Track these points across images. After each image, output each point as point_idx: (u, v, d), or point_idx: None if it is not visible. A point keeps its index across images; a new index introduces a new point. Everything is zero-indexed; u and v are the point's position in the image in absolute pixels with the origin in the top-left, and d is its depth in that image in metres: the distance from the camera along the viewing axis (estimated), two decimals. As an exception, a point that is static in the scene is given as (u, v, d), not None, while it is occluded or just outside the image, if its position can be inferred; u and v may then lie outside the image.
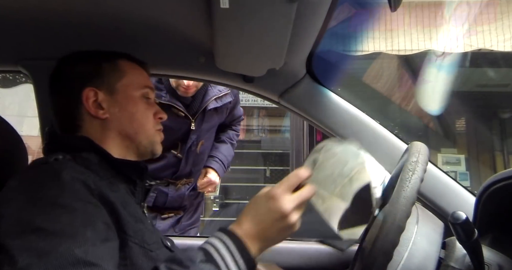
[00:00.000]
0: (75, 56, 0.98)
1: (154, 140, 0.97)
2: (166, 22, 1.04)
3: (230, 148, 2.19)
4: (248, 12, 0.83)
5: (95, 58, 0.96)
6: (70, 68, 0.96)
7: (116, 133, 0.93)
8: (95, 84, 0.93)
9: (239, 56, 1.08)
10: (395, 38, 3.72)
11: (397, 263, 0.69)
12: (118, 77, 0.95)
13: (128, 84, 0.96)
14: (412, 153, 0.74)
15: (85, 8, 0.99)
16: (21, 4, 0.97)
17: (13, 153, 0.93)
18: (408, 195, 0.65)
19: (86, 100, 0.91)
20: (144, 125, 0.95)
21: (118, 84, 0.94)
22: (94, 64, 0.95)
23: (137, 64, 1.01)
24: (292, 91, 1.26)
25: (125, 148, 0.94)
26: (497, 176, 0.89)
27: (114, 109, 0.93)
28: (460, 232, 0.68)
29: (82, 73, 0.94)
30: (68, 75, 0.95)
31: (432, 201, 1.17)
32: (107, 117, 0.92)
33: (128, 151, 0.95)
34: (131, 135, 0.94)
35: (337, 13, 1.01)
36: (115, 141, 0.93)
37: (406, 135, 1.30)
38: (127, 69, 0.97)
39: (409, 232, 0.72)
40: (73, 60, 0.97)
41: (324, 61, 1.31)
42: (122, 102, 0.94)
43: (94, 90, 0.92)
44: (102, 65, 0.95)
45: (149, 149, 0.96)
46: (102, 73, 0.94)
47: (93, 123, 0.92)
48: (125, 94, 0.95)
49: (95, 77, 0.93)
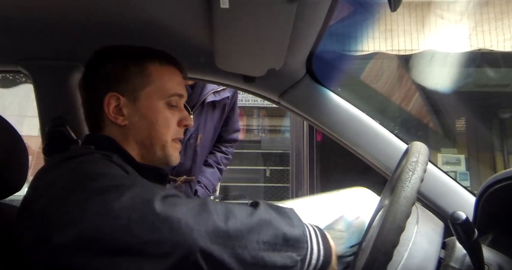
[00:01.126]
0: (105, 52, 0.95)
1: (168, 153, 0.95)
2: (166, 22, 1.03)
3: (216, 173, 2.16)
4: (248, 12, 0.83)
5: (123, 59, 0.93)
6: (97, 67, 0.94)
7: (133, 140, 0.92)
8: (119, 89, 0.91)
9: (239, 56, 1.08)
10: (395, 38, 3.72)
11: (397, 263, 0.69)
12: (144, 83, 0.92)
13: (153, 92, 0.92)
14: (412, 153, 0.74)
15: (84, 8, 0.99)
16: (21, 4, 0.97)
17: (13, 153, 0.93)
18: (408, 195, 0.65)
19: (107, 105, 0.90)
20: (161, 136, 0.93)
21: (142, 91, 0.92)
22: (122, 66, 0.92)
23: (171, 65, 0.96)
24: (292, 91, 1.26)
25: (141, 155, 0.94)
26: (497, 176, 0.89)
27: (134, 117, 0.91)
28: (460, 232, 0.68)
29: (108, 75, 0.92)
30: (94, 75, 0.94)
31: (432, 201, 1.17)
32: (126, 124, 0.91)
33: (143, 159, 0.94)
34: (147, 145, 0.93)
35: (337, 13, 1.01)
36: (133, 147, 0.93)
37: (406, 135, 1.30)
38: (156, 75, 0.93)
39: (409, 232, 0.72)
40: (102, 58, 0.95)
41: (324, 61, 1.31)
42: (143, 110, 0.92)
43: (116, 96, 0.91)
44: (129, 67, 0.92)
45: (163, 160, 0.95)
46: (128, 78, 0.92)
47: (113, 128, 0.92)
48: (148, 103, 0.92)
49: (121, 81, 0.91)
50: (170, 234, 0.64)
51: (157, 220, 0.65)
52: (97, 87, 0.93)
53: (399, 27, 3.73)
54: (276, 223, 0.71)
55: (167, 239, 0.64)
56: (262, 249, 0.68)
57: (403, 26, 3.73)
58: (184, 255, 0.64)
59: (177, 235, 0.64)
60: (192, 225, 0.65)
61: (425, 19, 3.73)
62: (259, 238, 0.68)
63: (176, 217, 0.66)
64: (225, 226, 0.67)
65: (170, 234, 0.64)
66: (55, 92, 1.25)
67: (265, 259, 0.68)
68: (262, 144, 5.04)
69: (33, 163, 3.03)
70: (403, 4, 0.74)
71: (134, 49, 0.96)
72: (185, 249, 0.64)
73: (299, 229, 0.73)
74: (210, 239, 0.65)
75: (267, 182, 4.78)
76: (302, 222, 0.75)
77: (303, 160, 3.88)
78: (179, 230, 0.64)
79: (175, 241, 0.64)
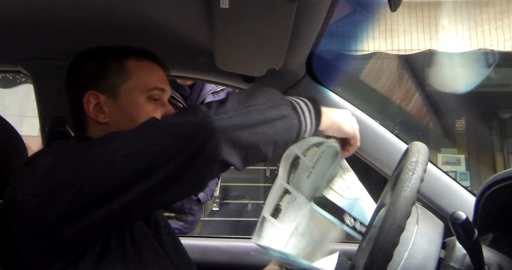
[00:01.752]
0: (86, 53, 0.97)
1: None
2: (166, 22, 1.03)
3: (214, 180, 2.15)
4: (248, 12, 0.83)
5: (102, 57, 0.94)
6: (77, 68, 0.95)
7: None
8: (98, 87, 0.91)
9: (239, 56, 1.08)
10: (395, 38, 3.72)
11: (397, 263, 0.69)
12: (123, 79, 0.92)
13: (133, 87, 0.92)
14: (412, 153, 0.74)
15: (84, 8, 0.99)
16: (21, 4, 0.97)
17: (13, 153, 0.93)
18: (408, 195, 0.65)
19: (87, 104, 0.91)
20: None
21: (122, 87, 0.92)
22: (100, 65, 0.93)
23: (150, 61, 0.96)
24: (292, 91, 1.26)
25: None
26: (497, 176, 0.89)
27: (115, 114, 0.91)
28: (460, 232, 0.68)
29: (87, 74, 0.93)
30: (74, 75, 0.95)
31: (432, 201, 1.17)
32: (107, 121, 0.91)
33: None
34: None
35: (337, 13, 1.01)
36: None
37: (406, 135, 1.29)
38: (134, 70, 0.93)
39: (409, 232, 0.72)
40: (82, 59, 0.96)
41: (324, 61, 1.31)
42: (124, 106, 0.91)
43: (95, 94, 0.91)
44: (108, 65, 0.93)
45: None
46: (107, 75, 0.92)
47: (95, 126, 0.92)
48: (129, 98, 0.92)
49: (100, 80, 0.92)
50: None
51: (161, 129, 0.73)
52: (77, 87, 0.93)
53: (399, 27, 3.73)
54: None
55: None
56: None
57: (403, 26, 3.73)
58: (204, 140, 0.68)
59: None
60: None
61: (425, 19, 3.73)
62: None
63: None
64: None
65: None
66: (55, 92, 1.25)
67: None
68: (262, 144, 5.02)
69: (33, 163, 3.02)
70: (403, 4, 0.74)
71: (113, 48, 0.96)
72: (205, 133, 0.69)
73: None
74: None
75: (267, 182, 4.77)
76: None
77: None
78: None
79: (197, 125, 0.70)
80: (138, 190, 0.69)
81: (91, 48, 0.97)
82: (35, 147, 2.98)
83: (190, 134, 0.69)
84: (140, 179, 0.69)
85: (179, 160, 0.69)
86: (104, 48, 0.96)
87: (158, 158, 0.69)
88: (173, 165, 0.69)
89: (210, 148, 0.68)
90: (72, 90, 0.95)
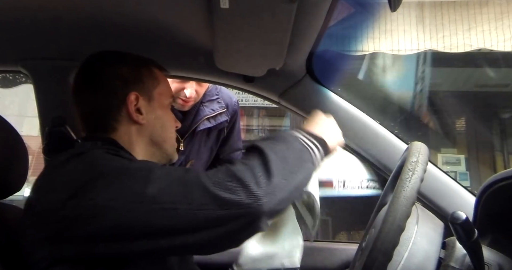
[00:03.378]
0: (111, 56, 0.98)
1: (174, 149, 1.01)
2: (166, 22, 1.04)
3: None
4: (248, 12, 0.83)
5: (134, 62, 0.97)
6: (111, 68, 0.95)
7: (147, 139, 0.95)
8: (137, 89, 0.94)
9: (239, 56, 1.08)
10: (395, 38, 3.72)
11: (397, 263, 0.69)
12: (155, 84, 0.98)
13: (162, 92, 0.99)
14: (412, 153, 0.74)
15: (84, 8, 0.99)
16: (21, 4, 0.97)
17: (13, 153, 0.93)
18: (408, 195, 0.65)
19: (130, 104, 0.92)
20: (171, 134, 1.00)
21: (154, 91, 0.97)
22: (134, 68, 0.96)
23: (164, 72, 1.04)
24: (292, 91, 1.26)
25: (151, 154, 0.96)
26: (497, 176, 0.89)
27: (151, 116, 0.95)
28: (460, 232, 0.68)
29: (125, 75, 0.94)
30: (110, 75, 0.95)
31: (432, 201, 1.17)
32: (143, 123, 0.94)
33: (152, 158, 0.96)
34: (160, 142, 0.97)
35: (337, 13, 1.01)
36: (144, 147, 0.95)
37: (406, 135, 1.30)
38: (160, 77, 1.01)
39: (409, 232, 0.72)
40: (112, 60, 0.97)
41: (324, 61, 1.31)
42: (157, 109, 0.97)
43: (136, 95, 0.93)
44: (141, 70, 0.97)
45: (170, 156, 1.01)
46: (142, 79, 0.96)
47: (130, 127, 0.93)
48: (159, 102, 0.98)
49: (137, 82, 0.95)
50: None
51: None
52: (116, 88, 0.93)
53: (399, 27, 3.73)
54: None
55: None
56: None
57: (403, 26, 3.73)
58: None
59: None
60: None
61: (425, 19, 3.73)
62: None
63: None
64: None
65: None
66: (55, 92, 1.25)
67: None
68: (262, 144, 5.02)
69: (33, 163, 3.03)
70: (403, 4, 0.74)
71: (135, 55, 1.00)
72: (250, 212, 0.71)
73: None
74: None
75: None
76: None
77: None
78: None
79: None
80: (170, 243, 0.72)
81: (110, 52, 0.98)
82: (35, 147, 2.98)
83: (239, 214, 0.70)
84: (175, 235, 0.71)
85: (220, 230, 0.71)
86: (127, 54, 0.99)
87: (199, 223, 0.71)
88: (213, 233, 0.71)
89: (255, 225, 0.71)
90: (107, 90, 0.94)
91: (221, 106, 1.86)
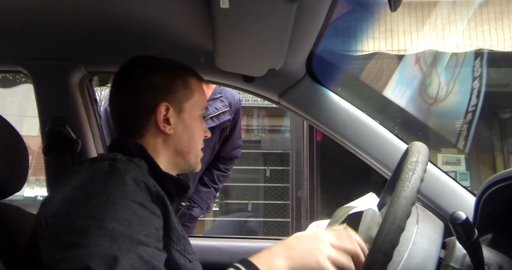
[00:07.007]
0: (149, 62, 0.98)
1: (198, 160, 1.01)
2: (166, 22, 1.04)
3: (211, 192, 2.05)
4: (248, 12, 0.83)
5: (170, 71, 0.98)
6: (147, 76, 0.96)
7: (172, 149, 0.96)
8: (168, 99, 0.95)
9: (239, 56, 1.08)
10: (395, 38, 3.72)
11: (397, 263, 0.69)
12: (188, 96, 0.98)
13: (194, 104, 0.99)
14: (412, 153, 0.74)
15: (84, 8, 0.99)
16: (21, 4, 0.97)
17: (13, 153, 0.93)
18: (408, 195, 0.66)
19: (159, 114, 0.93)
20: (197, 145, 1.00)
21: (186, 103, 0.97)
22: (169, 78, 0.97)
23: (202, 82, 1.04)
24: (292, 91, 1.26)
25: (174, 164, 0.97)
26: (497, 176, 0.89)
27: (178, 127, 0.96)
28: (460, 232, 0.68)
29: (159, 85, 0.95)
30: (143, 82, 0.96)
31: (432, 201, 1.17)
32: (170, 133, 0.95)
33: (175, 167, 0.98)
34: (184, 153, 0.98)
35: (337, 13, 1.01)
36: (167, 156, 0.96)
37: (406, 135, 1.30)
38: (196, 88, 1.00)
39: (409, 232, 0.72)
40: (149, 67, 0.97)
41: (324, 61, 1.31)
42: (186, 121, 0.97)
43: (167, 106, 0.94)
44: (176, 80, 0.97)
45: (193, 167, 1.01)
46: (175, 90, 0.96)
47: (156, 135, 0.94)
48: (190, 114, 0.98)
49: (169, 93, 0.96)
50: None
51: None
52: (147, 96, 0.94)
53: (399, 27, 3.73)
54: None
55: None
56: None
57: (403, 26, 3.73)
58: None
59: None
60: None
61: (425, 19, 3.73)
62: None
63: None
64: None
65: None
66: (55, 92, 1.25)
67: None
68: (262, 144, 5.03)
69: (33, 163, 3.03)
70: (403, 4, 0.74)
71: (174, 62, 1.00)
72: None
73: None
74: None
75: (267, 182, 4.77)
76: None
77: (303, 160, 3.87)
78: None
79: None
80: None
81: (148, 57, 0.99)
82: (35, 147, 2.98)
83: None
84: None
85: None
86: (162, 60, 0.99)
87: None
88: None
89: None
90: (139, 97, 0.95)
91: (224, 104, 1.89)
